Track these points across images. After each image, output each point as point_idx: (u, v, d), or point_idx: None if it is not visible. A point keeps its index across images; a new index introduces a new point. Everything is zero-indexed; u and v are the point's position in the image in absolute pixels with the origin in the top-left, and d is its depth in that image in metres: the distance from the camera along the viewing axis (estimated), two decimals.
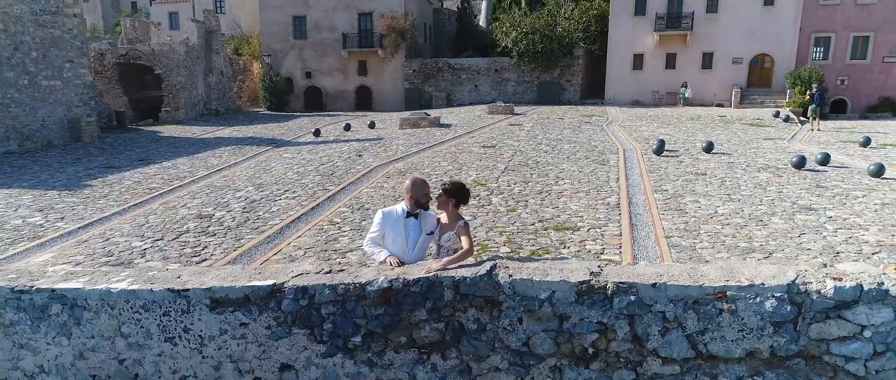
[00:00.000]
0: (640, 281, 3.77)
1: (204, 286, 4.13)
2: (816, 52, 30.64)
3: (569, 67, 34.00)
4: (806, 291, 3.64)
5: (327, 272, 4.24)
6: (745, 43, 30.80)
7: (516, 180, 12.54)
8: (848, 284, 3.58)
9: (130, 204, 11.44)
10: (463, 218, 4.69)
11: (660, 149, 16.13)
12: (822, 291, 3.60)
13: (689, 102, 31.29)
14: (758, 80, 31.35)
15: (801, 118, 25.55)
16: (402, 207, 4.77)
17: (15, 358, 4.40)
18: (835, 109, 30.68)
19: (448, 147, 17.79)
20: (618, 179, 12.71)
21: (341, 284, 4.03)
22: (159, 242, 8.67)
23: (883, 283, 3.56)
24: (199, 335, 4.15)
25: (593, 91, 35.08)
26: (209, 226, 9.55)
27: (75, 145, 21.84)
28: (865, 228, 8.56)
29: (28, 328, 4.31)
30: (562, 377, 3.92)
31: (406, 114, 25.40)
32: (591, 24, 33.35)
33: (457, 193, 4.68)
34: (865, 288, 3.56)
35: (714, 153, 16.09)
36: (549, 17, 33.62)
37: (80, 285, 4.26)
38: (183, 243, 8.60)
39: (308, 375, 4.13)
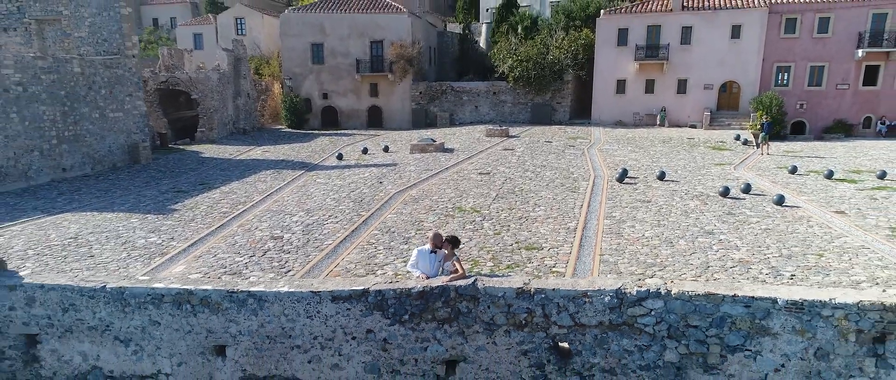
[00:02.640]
0: (546, 287, 7.71)
1: (327, 289, 8.08)
2: (782, 77, 34.46)
3: (559, 91, 37.93)
4: (625, 292, 7.56)
5: (390, 282, 8.20)
6: (715, 71, 34.68)
7: (503, 207, 16.45)
8: (644, 288, 7.51)
9: (215, 226, 15.38)
10: (456, 254, 8.63)
11: (622, 177, 20.03)
12: (632, 292, 7.53)
13: (665, 121, 35.24)
14: (726, 104, 35.23)
15: (756, 142, 29.29)
16: (427, 247, 8.70)
17: (227, 325, 8.34)
18: (794, 130, 34.56)
19: (451, 174, 21.73)
20: (582, 205, 16.60)
21: (398, 287, 7.97)
22: (253, 258, 12.59)
23: (659, 288, 7.49)
24: (325, 314, 8.09)
25: (581, 111, 38.95)
26: (282, 245, 13.49)
27: (135, 167, 25.86)
28: (738, 249, 12.44)
29: (234, 311, 8.25)
30: (509, 335, 7.85)
31: (415, 139, 29.20)
32: (579, 52, 37.24)
33: (453, 242, 8.62)
34: (651, 290, 7.49)
35: (665, 181, 19.97)
36: (541, 46, 37.51)
37: (261, 288, 8.21)
38: (270, 259, 12.54)
39: (381, 335, 8.07)
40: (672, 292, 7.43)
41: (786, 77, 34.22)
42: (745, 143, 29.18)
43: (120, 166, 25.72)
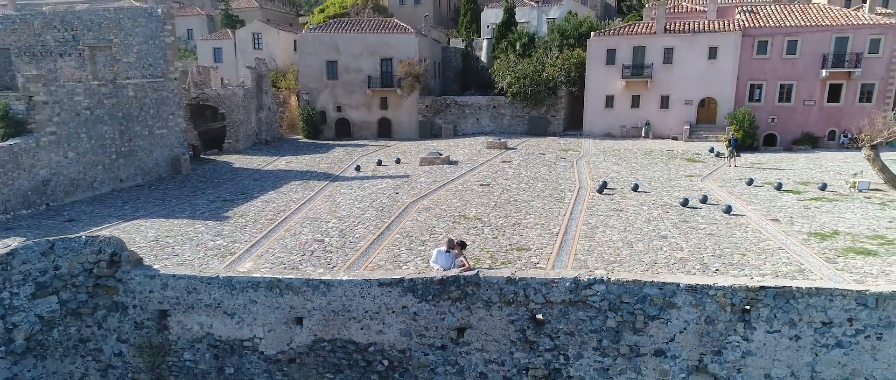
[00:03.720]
0: (527, 276, 11.28)
1: (375, 277, 11.65)
2: (755, 93, 37.97)
3: (554, 105, 41.48)
4: (580, 279, 11.13)
5: (418, 273, 11.77)
6: (694, 88, 38.20)
7: (500, 215, 20.02)
8: (592, 277, 11.08)
9: (266, 231, 18.94)
10: (463, 254, 12.19)
11: (602, 188, 23.59)
12: (584, 279, 11.10)
13: (649, 133, 38.81)
14: (705, 118, 38.76)
15: (734, 152, 32.54)
16: (443, 248, 12.26)
17: (304, 303, 11.88)
18: (767, 142, 38.06)
19: (456, 185, 25.30)
20: (565, 214, 20.15)
21: (424, 276, 11.54)
22: (304, 257, 16.16)
23: (602, 276, 11.05)
24: (373, 295, 11.65)
25: (574, 123, 42.46)
26: (325, 247, 17.05)
27: (177, 177, 29.43)
28: (682, 250, 15.99)
29: (310, 293, 11.79)
30: (501, 310, 11.42)
31: (424, 153, 32.72)
32: (572, 69, 40.77)
33: (461, 244, 12.21)
34: (597, 278, 11.06)
35: (639, 192, 23.51)
36: (537, 64, 41.06)
37: (329, 277, 11.76)
38: (318, 257, 16.10)
39: (412, 309, 11.62)
40: (611, 280, 10.95)
41: (758, 94, 37.73)
42: (718, 155, 32.61)
43: (165, 177, 29.29)
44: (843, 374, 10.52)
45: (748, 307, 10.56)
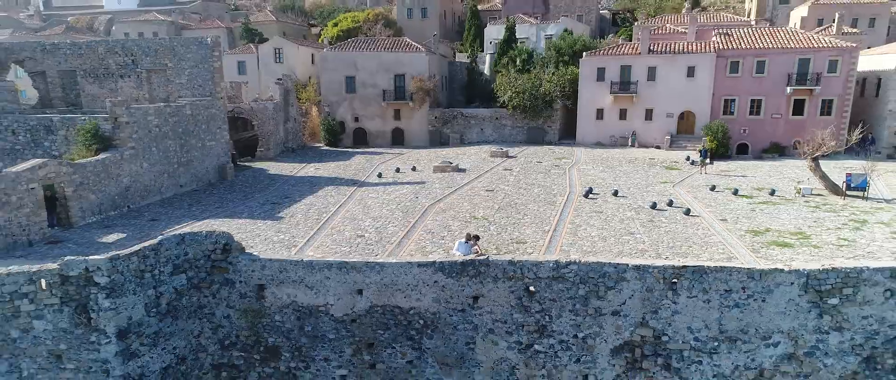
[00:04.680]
0: (523, 259, 16.07)
1: (415, 261, 16.42)
2: (728, 107, 42.66)
3: (550, 117, 46.21)
4: (559, 262, 15.93)
5: (445, 258, 16.54)
6: (674, 102, 42.92)
7: (503, 216, 24.76)
8: (567, 260, 15.88)
9: (315, 229, 23.66)
10: (477, 244, 16.99)
11: (588, 193, 28.32)
12: (563, 262, 15.90)
13: (635, 143, 43.55)
14: (684, 129, 43.48)
15: (705, 160, 37.13)
16: (463, 240, 17.05)
17: (364, 278, 16.63)
18: (740, 150, 42.76)
19: (465, 191, 30.05)
20: (555, 215, 24.89)
21: (450, 260, 16.31)
22: (352, 248, 20.88)
23: (575, 259, 15.84)
24: (413, 273, 16.41)
25: (568, 133, 47.18)
26: (366, 241, 21.78)
27: (224, 183, 34.18)
28: (643, 243, 20.72)
29: (368, 271, 16.55)
30: (505, 283, 16.21)
31: (437, 161, 37.44)
32: (566, 85, 45.50)
33: (476, 237, 17.02)
34: (571, 261, 15.85)
35: (618, 196, 28.22)
36: (535, 80, 45.79)
37: (382, 260, 16.51)
38: (362, 248, 20.83)
39: (441, 284, 16.37)
40: (581, 262, 15.66)
41: (732, 107, 42.44)
42: (693, 163, 37.32)
43: (214, 182, 34.04)
44: (740, 326, 15.27)
45: (675, 280, 15.30)
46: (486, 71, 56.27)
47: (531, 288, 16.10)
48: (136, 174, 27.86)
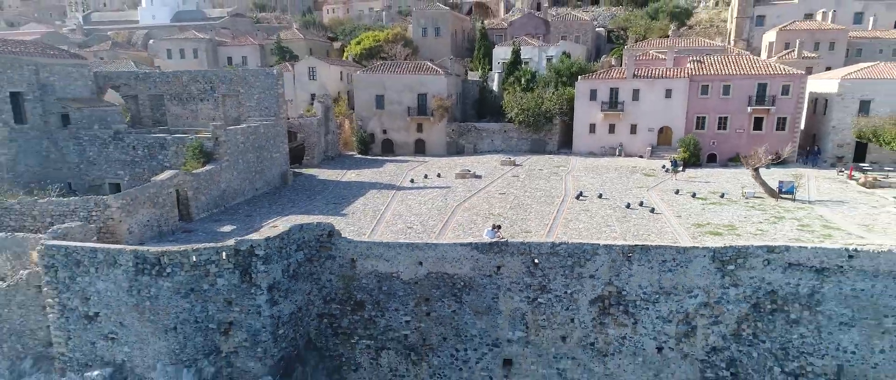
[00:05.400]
0: (529, 242, 24.31)
1: (457, 242, 24.64)
2: (700, 123, 50.72)
3: (550, 130, 54.37)
4: (553, 242, 24.18)
5: (479, 240, 24.77)
6: (655, 119, 51.03)
7: (513, 213, 32.91)
8: (560, 242, 24.12)
9: (373, 223, 31.79)
10: (499, 231, 25.24)
11: (579, 196, 36.47)
12: (557, 242, 24.15)
13: (621, 153, 51.69)
14: (663, 141, 51.59)
15: (676, 169, 45.13)
16: (490, 228, 25.30)
17: (427, 254, 24.82)
18: (710, 159, 50.85)
19: (483, 194, 38.21)
20: (553, 212, 33.02)
21: (482, 242, 24.54)
22: (405, 237, 29.00)
23: (565, 241, 24.07)
24: (457, 250, 24.61)
25: (566, 143, 55.30)
26: (415, 231, 29.92)
27: (286, 187, 42.31)
28: (615, 232, 28.86)
29: (426, 249, 24.72)
30: (518, 257, 24.42)
31: (458, 169, 45.56)
32: (564, 103, 53.64)
33: (499, 226, 25.30)
34: (563, 242, 24.08)
35: (602, 198, 36.34)
36: (538, 98, 53.93)
37: (434, 241, 24.69)
38: (412, 237, 28.96)
39: (476, 258, 24.56)
40: (569, 243, 23.78)
41: (703, 123, 50.51)
42: (667, 170, 45.42)
43: (278, 186, 42.20)
44: (672, 284, 23.41)
45: (630, 255, 23.45)
46: (495, 88, 64.36)
47: (535, 260, 24.22)
48: (230, 181, 36.08)
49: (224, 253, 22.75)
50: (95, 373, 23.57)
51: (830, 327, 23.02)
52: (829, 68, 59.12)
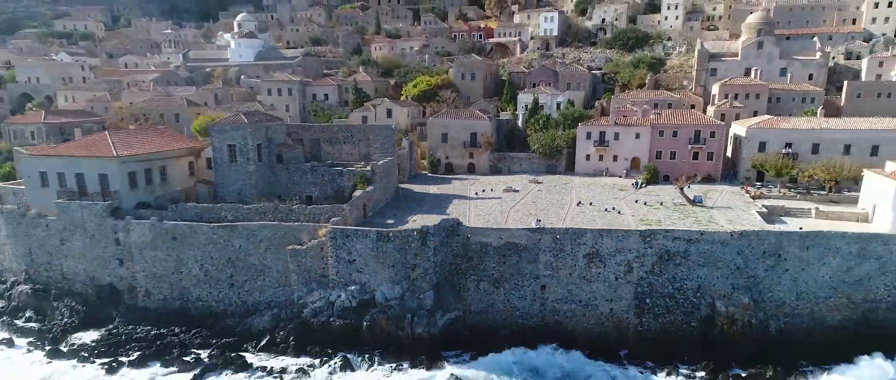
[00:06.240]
0: (552, 227, 51.31)
1: (519, 228, 51.56)
2: (660, 155, 77.33)
3: (560, 158, 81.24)
4: (560, 229, 51.21)
5: (528, 227, 51.68)
6: (629, 152, 77.78)
7: (542, 213, 59.71)
8: (562, 227, 51.13)
9: (466, 218, 58.53)
10: (540, 221, 52.29)
11: (578, 204, 63.31)
12: (561, 228, 51.16)
13: (607, 174, 78.46)
14: (634, 167, 78.26)
15: (639, 186, 71.59)
16: (534, 221, 52.29)
17: (475, 239, 51.71)
18: (665, 179, 77.53)
19: (522, 203, 65.01)
20: (564, 213, 59.82)
21: (531, 227, 51.45)
22: (490, 225, 55.72)
23: (567, 228, 51.08)
24: (521, 232, 51.49)
25: (570, 167, 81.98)
26: (495, 222, 56.70)
27: (398, 198, 69.04)
28: (597, 223, 55.63)
29: (485, 232, 51.52)
30: (548, 235, 51.38)
31: (504, 186, 72.29)
32: (569, 140, 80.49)
33: (539, 220, 52.37)
34: (564, 227, 51.08)
35: (591, 205, 63.09)
36: (552, 136, 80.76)
37: (508, 227, 51.56)
38: (493, 224, 55.71)
39: (528, 235, 51.35)
40: (572, 228, 50.31)
41: (660, 155, 77.17)
42: (635, 187, 72.08)
43: (394, 198, 68.86)
44: (622, 247, 50.14)
45: (602, 235, 50.26)
46: (521, 124, 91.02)
47: (557, 237, 50.91)
48: (378, 194, 62.91)
49: (416, 232, 49.60)
50: (351, 287, 50.42)
51: (694, 267, 49.84)
52: (755, 113, 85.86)
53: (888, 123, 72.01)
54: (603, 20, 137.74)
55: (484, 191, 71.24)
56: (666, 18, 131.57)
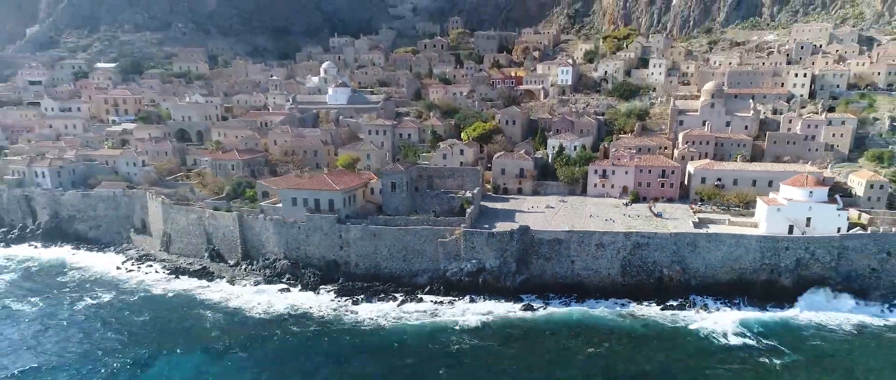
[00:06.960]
0: (579, 230, 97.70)
1: (561, 229, 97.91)
2: (642, 183, 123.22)
3: (577, 184, 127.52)
4: (570, 230, 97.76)
5: (566, 229, 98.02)
6: (622, 182, 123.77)
7: (568, 222, 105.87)
8: (572, 229, 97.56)
9: (528, 223, 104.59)
10: (572, 226, 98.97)
11: (590, 216, 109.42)
12: (571, 230, 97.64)
13: (606, 195, 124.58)
14: (624, 192, 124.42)
15: (627, 204, 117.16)
16: (568, 226, 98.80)
17: (559, 233, 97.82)
18: (644, 199, 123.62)
19: (559, 215, 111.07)
20: (582, 222, 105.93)
21: (568, 230, 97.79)
22: (544, 228, 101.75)
23: (578, 230, 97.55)
24: (561, 232, 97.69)
25: (584, 191, 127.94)
26: (547, 226, 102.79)
27: (481, 213, 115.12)
28: (601, 228, 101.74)
29: (560, 233, 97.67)
30: (580, 234, 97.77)
31: (543, 204, 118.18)
32: (583, 173, 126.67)
33: (571, 226, 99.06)
34: (575, 229, 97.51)
35: (592, 217, 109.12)
36: (572, 171, 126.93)
37: (553, 229, 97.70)
38: (547, 227, 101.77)
39: (568, 234, 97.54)
40: (587, 230, 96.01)
41: (641, 184, 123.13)
42: (625, 205, 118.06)
43: (481, 213, 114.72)
44: (610, 241, 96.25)
45: (603, 234, 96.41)
46: (550, 161, 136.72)
47: (581, 236, 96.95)
48: (474, 212, 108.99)
49: (508, 232, 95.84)
50: (473, 261, 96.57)
51: (652, 251, 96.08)
52: (706, 155, 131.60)
53: (781, 167, 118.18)
54: (606, 72, 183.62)
55: (532, 207, 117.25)
56: (652, 73, 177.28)
